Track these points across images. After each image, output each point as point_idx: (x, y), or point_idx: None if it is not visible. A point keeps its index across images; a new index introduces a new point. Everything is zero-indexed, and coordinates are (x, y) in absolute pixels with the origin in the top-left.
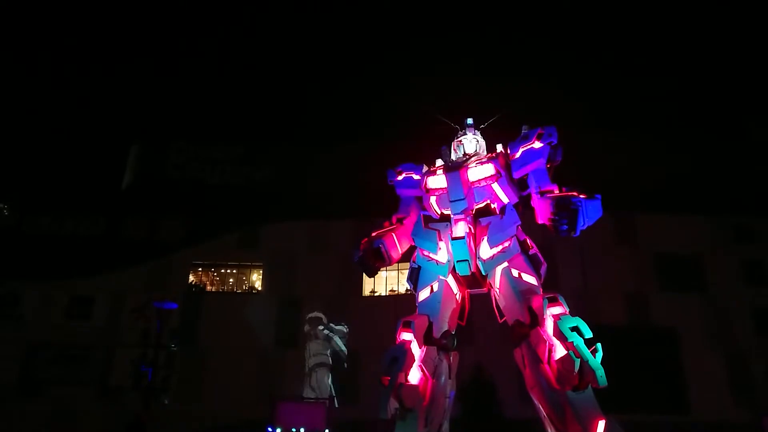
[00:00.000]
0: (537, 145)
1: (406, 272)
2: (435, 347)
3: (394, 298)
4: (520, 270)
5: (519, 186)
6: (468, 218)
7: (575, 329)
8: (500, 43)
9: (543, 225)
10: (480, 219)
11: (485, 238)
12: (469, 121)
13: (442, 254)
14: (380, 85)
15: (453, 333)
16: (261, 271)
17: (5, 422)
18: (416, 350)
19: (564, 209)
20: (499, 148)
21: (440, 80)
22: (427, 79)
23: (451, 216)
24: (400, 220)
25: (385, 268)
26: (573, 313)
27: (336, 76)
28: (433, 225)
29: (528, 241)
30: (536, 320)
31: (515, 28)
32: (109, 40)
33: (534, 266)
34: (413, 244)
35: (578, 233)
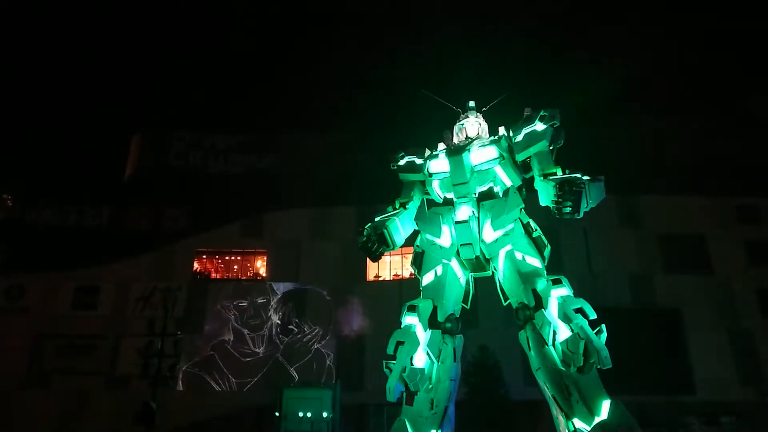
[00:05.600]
0: (540, 127)
1: (410, 257)
2: (440, 331)
3: (398, 283)
4: (524, 252)
5: (522, 168)
6: (471, 202)
7: (579, 311)
8: (503, 26)
9: (546, 207)
10: (483, 202)
11: (489, 221)
12: (471, 104)
13: (446, 238)
14: (381, 71)
15: (457, 316)
16: (265, 258)
17: (15, 413)
18: (421, 334)
19: (567, 191)
20: (502, 130)
21: (442, 64)
22: (428, 64)
23: (455, 200)
24: (403, 205)
25: (389, 253)
26: (577, 295)
27: (338, 63)
28: (437, 209)
29: (531, 223)
30: (541, 302)
31: (518, 12)
32: (111, 32)
33: (538, 249)
34: (417, 228)
35: (582, 215)
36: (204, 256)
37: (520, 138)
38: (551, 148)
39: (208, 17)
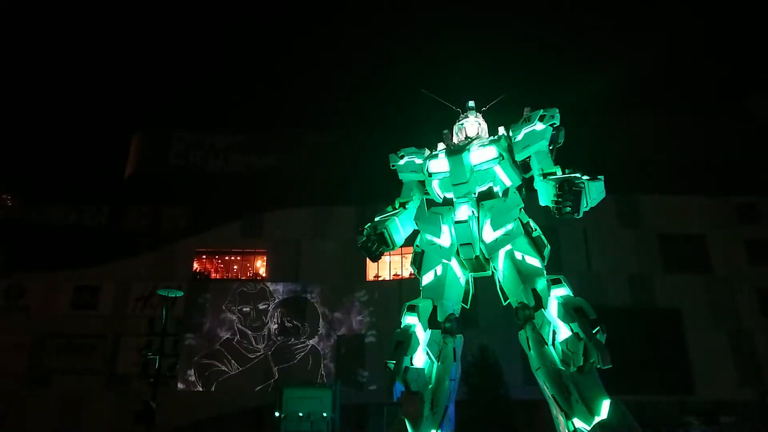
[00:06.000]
0: (539, 126)
1: (410, 257)
2: (439, 330)
3: (398, 283)
4: (524, 252)
5: (522, 168)
6: (471, 201)
7: (579, 310)
8: (503, 26)
9: (546, 207)
10: (483, 202)
11: (488, 221)
12: (471, 103)
13: (446, 238)
14: (381, 71)
15: (457, 316)
16: (265, 258)
17: (15, 413)
18: (421, 334)
19: (567, 191)
20: (501, 130)
21: (442, 64)
22: (428, 64)
23: (454, 199)
24: (403, 205)
25: (388, 253)
26: (577, 295)
27: (337, 64)
28: (436, 209)
29: (531, 223)
30: (540, 302)
31: (518, 12)
32: (111, 32)
33: (537, 248)
34: (417, 228)
35: (581, 215)
36: (204, 256)
37: (519, 137)
38: (551, 147)
39: (208, 17)
